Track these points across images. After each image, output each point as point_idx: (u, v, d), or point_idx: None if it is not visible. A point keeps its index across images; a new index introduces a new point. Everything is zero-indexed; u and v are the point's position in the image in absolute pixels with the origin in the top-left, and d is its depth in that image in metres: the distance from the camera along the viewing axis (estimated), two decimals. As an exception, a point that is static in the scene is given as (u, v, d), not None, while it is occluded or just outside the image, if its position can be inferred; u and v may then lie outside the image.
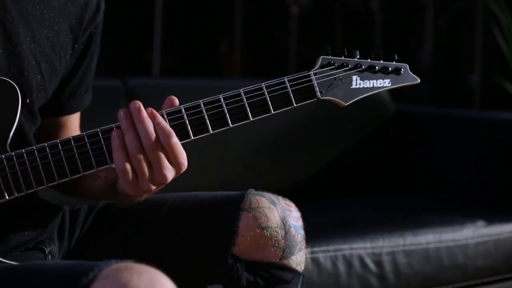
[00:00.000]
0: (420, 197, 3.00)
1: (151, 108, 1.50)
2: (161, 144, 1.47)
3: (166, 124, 1.49)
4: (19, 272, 1.40)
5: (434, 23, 5.10)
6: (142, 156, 1.46)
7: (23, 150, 1.47)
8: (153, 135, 1.47)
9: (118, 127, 1.49)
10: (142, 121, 1.47)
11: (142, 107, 1.48)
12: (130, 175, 1.47)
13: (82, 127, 1.80)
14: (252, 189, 1.67)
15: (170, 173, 1.49)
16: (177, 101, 1.53)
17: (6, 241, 1.55)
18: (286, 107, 1.58)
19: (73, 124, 1.77)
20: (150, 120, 1.47)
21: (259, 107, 1.56)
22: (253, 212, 1.62)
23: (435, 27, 5.12)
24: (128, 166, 1.47)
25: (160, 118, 1.49)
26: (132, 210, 1.71)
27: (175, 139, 1.48)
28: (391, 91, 3.14)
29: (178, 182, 2.08)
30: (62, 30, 1.62)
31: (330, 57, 1.62)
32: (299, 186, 2.90)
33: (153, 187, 1.50)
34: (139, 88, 2.83)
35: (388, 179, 3.09)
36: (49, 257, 1.61)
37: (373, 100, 3.08)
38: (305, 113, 2.95)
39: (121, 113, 1.48)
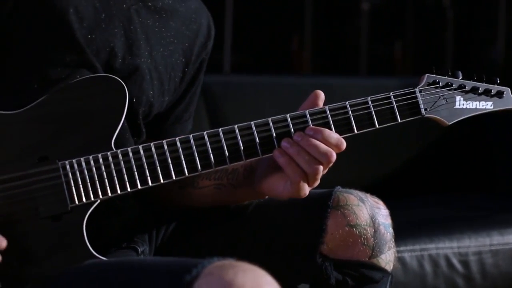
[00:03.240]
0: (501, 195, 2.95)
1: (311, 127, 1.50)
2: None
3: (326, 143, 1.50)
4: (120, 268, 1.39)
5: (506, 18, 5.01)
6: (319, 170, 1.49)
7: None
8: (329, 151, 1.49)
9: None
10: (313, 145, 1.48)
11: (307, 133, 1.49)
12: (306, 188, 1.51)
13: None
14: (339, 187, 1.65)
15: None
16: (322, 95, 1.54)
17: (101, 238, 1.53)
18: (390, 123, 1.58)
19: None
20: (318, 140, 1.49)
21: (364, 120, 1.56)
22: (342, 210, 1.60)
23: (508, 22, 5.03)
24: (304, 180, 1.50)
25: (322, 134, 1.49)
26: (219, 210, 1.70)
27: (335, 155, 1.50)
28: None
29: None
30: (176, 51, 1.62)
31: (434, 75, 1.62)
32: (379, 184, 2.88)
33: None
34: (214, 85, 2.86)
35: (468, 176, 3.04)
36: (142, 256, 1.60)
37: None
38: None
39: (285, 144, 1.49)
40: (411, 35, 5.15)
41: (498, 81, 1.65)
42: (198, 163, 1.47)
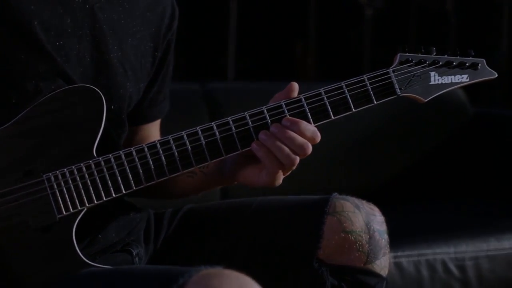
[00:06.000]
0: (500, 201, 2.94)
1: (288, 118, 1.52)
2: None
3: (302, 135, 1.52)
4: (110, 277, 1.42)
5: (510, 24, 5.02)
6: (296, 161, 1.52)
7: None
8: (305, 144, 1.51)
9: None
10: (290, 137, 1.51)
11: (284, 124, 1.51)
12: (281, 177, 1.55)
13: (165, 128, 1.82)
14: (336, 193, 1.68)
15: None
16: (296, 87, 1.56)
17: (96, 243, 1.58)
18: (366, 105, 1.59)
19: (154, 133, 1.80)
20: (295, 133, 1.51)
21: (340, 105, 1.57)
22: (338, 216, 1.63)
23: (511, 28, 5.04)
24: (281, 170, 1.53)
25: (298, 126, 1.51)
26: (217, 214, 1.73)
27: (311, 147, 1.53)
28: (468, 93, 3.12)
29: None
30: (144, 38, 1.65)
31: (407, 54, 1.62)
32: (377, 190, 2.88)
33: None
34: (217, 91, 2.88)
35: (467, 182, 3.04)
36: (136, 259, 1.63)
37: (450, 102, 3.06)
38: (381, 117, 2.94)
39: (263, 136, 1.51)
40: (414, 40, 5.16)
41: (473, 53, 1.65)
42: (179, 163, 1.50)
